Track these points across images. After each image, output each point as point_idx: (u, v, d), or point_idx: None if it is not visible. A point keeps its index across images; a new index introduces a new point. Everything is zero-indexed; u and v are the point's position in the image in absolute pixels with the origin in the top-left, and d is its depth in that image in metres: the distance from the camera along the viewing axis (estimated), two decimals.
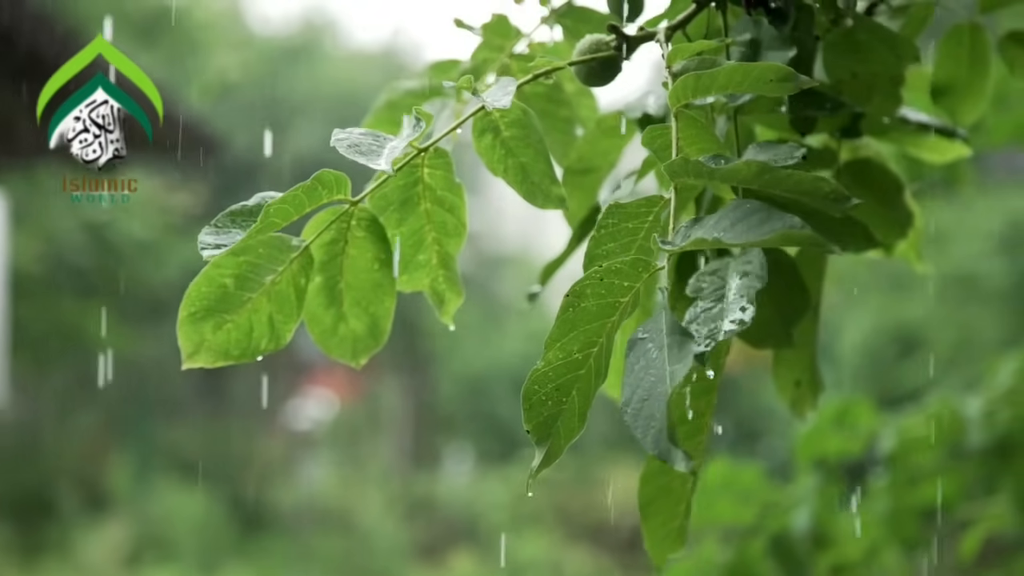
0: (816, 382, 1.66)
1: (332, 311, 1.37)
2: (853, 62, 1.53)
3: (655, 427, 1.06)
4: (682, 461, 1.05)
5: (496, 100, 1.26)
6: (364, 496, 11.09)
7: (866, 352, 8.76)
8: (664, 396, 1.06)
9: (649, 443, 1.06)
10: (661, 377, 1.07)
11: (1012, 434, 2.87)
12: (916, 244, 1.77)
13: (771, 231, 1.08)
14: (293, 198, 1.26)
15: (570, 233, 1.64)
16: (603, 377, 1.15)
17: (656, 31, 1.37)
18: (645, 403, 1.07)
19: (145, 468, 10.66)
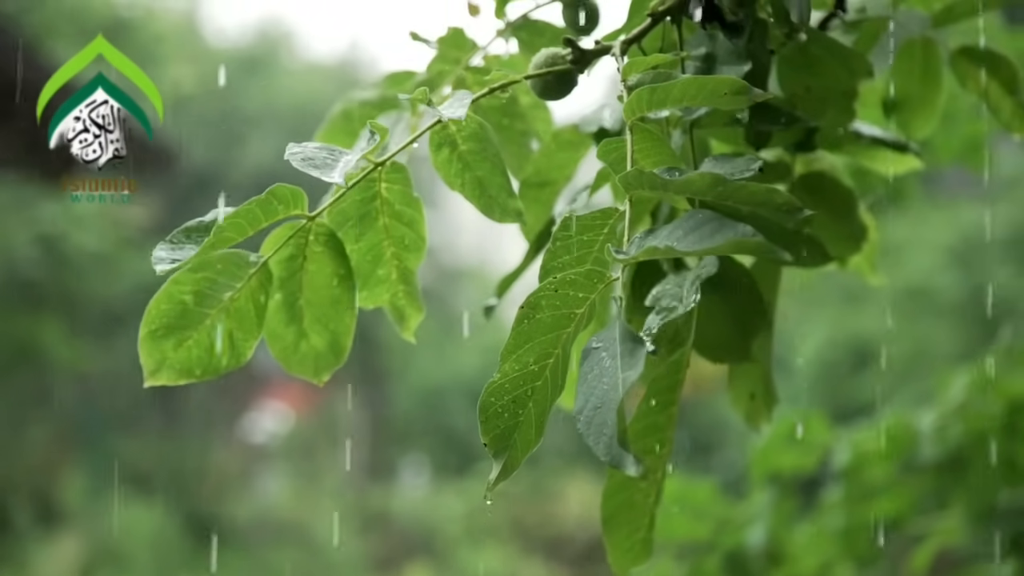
0: (771, 395, 1.67)
1: (293, 328, 1.37)
2: (807, 76, 1.54)
3: (607, 434, 1.06)
4: (633, 466, 1.05)
5: (452, 112, 1.26)
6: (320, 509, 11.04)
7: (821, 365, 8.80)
8: (616, 404, 1.06)
9: (602, 450, 1.07)
10: (614, 385, 1.07)
11: (963, 448, 2.89)
12: (870, 257, 1.78)
13: (723, 239, 1.08)
14: (247, 212, 1.26)
15: (527, 246, 1.65)
16: (560, 389, 1.15)
17: (612, 45, 1.37)
18: (598, 411, 1.08)
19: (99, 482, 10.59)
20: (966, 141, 3.02)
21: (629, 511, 1.38)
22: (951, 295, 8.26)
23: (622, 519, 1.38)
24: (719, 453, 9.44)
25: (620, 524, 1.38)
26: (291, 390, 12.46)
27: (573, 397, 1.12)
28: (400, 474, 13.17)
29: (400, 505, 11.77)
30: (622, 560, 1.40)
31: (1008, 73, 1.69)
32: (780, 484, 3.10)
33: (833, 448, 3.08)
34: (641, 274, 1.43)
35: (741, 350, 1.45)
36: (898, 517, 2.99)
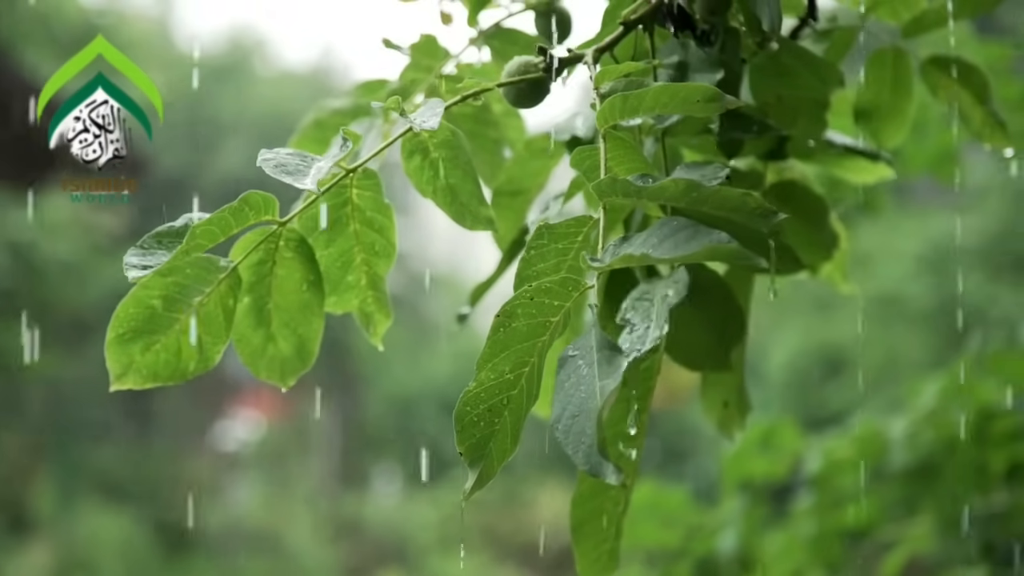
0: (744, 402, 1.67)
1: (260, 332, 1.37)
2: (779, 85, 1.55)
3: (586, 443, 1.06)
4: (613, 475, 1.05)
5: (425, 121, 1.26)
6: (291, 517, 11.02)
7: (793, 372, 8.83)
8: (595, 412, 1.06)
9: (580, 459, 1.07)
10: (591, 393, 1.07)
11: (934, 455, 2.90)
12: (841, 265, 1.79)
13: (698, 246, 1.08)
14: (220, 219, 1.25)
15: (499, 254, 1.65)
16: (535, 397, 1.15)
17: (584, 53, 1.37)
18: (576, 419, 1.08)
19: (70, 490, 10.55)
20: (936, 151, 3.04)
21: (598, 519, 1.38)
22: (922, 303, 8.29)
23: (591, 528, 1.38)
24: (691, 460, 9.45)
25: (589, 532, 1.38)
26: (263, 398, 12.44)
27: (547, 405, 1.12)
28: (372, 482, 13.15)
29: (372, 513, 11.75)
30: (590, 569, 1.40)
31: (978, 82, 1.69)
32: (751, 491, 3.11)
33: (804, 455, 3.09)
34: (615, 281, 1.43)
35: (720, 359, 1.45)
36: (869, 524, 3.00)
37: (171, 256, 1.24)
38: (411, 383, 13.03)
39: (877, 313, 8.33)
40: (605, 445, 1.06)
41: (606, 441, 1.07)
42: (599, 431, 1.06)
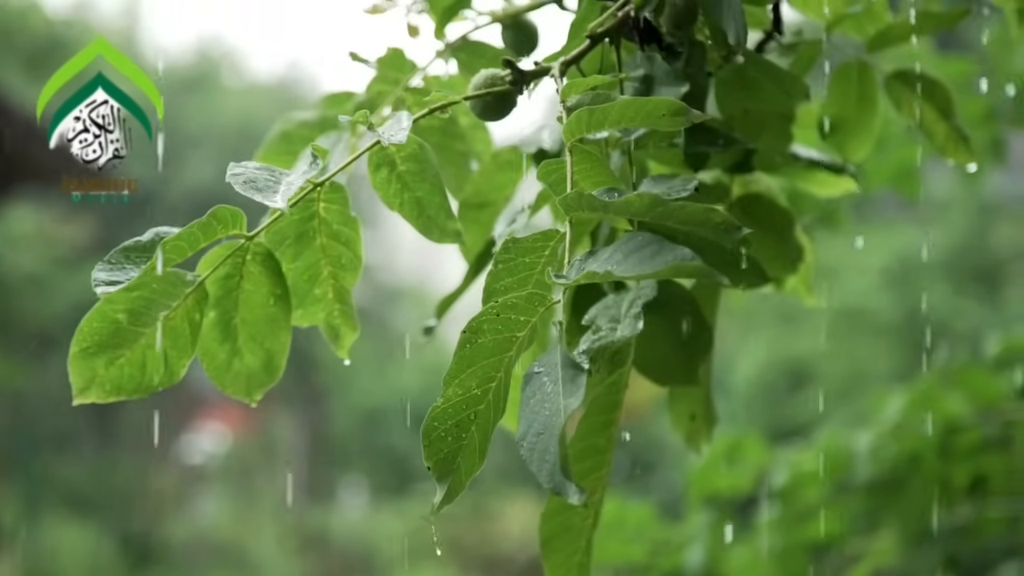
0: (711, 415, 1.67)
1: (226, 346, 1.36)
2: (744, 99, 1.55)
3: (550, 461, 1.07)
4: (575, 494, 1.05)
5: (392, 135, 1.26)
6: (257, 530, 10.98)
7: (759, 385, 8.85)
8: (558, 430, 1.06)
9: (544, 477, 1.07)
10: (556, 411, 1.08)
11: (899, 469, 2.91)
12: (806, 279, 1.79)
13: (663, 263, 1.08)
14: (189, 235, 1.25)
15: (466, 267, 1.65)
16: (502, 412, 1.15)
17: (551, 66, 1.38)
18: (540, 437, 1.08)
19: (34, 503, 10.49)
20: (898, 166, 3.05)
21: (567, 533, 1.38)
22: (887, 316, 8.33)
23: (560, 542, 1.38)
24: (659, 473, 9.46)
25: (559, 547, 1.38)
26: (229, 411, 12.40)
27: (514, 418, 1.12)
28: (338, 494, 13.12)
29: (338, 526, 11.72)
30: None
31: (942, 97, 1.70)
32: (717, 505, 3.11)
33: (770, 469, 3.09)
34: (581, 297, 1.43)
35: (687, 373, 1.45)
36: (834, 538, 3.01)
37: (140, 272, 1.23)
38: (377, 395, 13.01)
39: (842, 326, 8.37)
40: (568, 464, 1.06)
41: (568, 459, 1.07)
42: (562, 449, 1.06)
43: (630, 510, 3.15)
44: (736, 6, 1.32)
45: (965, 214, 8.48)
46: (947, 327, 7.73)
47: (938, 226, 8.54)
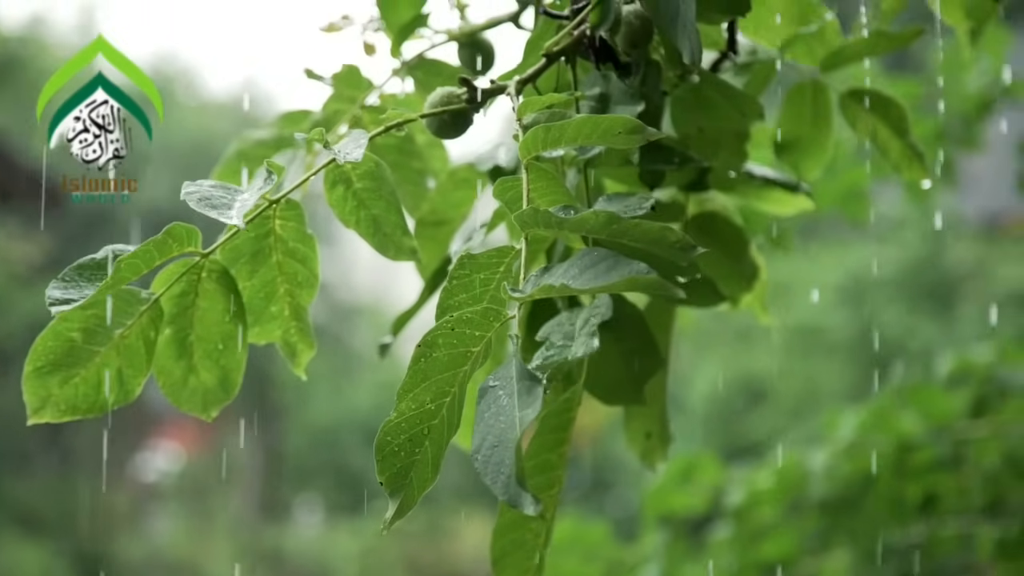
0: (666, 434, 1.67)
1: (182, 364, 1.36)
2: (700, 117, 1.56)
3: (505, 473, 1.06)
4: (531, 505, 1.05)
5: (348, 153, 1.26)
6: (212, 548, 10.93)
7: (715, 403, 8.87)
8: (514, 442, 1.06)
9: (499, 489, 1.07)
10: (511, 423, 1.08)
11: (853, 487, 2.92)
12: (761, 297, 1.80)
13: (618, 277, 1.09)
14: (144, 252, 1.25)
15: (422, 284, 1.65)
16: (456, 427, 1.15)
17: (507, 84, 1.38)
18: (495, 449, 1.08)
19: None
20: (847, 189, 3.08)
21: (519, 551, 1.38)
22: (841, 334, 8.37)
23: (512, 559, 1.38)
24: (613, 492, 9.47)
25: (510, 564, 1.38)
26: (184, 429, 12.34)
27: (468, 436, 1.12)
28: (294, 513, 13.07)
29: (293, 544, 11.68)
30: None
31: (897, 115, 1.71)
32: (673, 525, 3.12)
33: (725, 488, 3.10)
34: (537, 312, 1.43)
35: (633, 393, 1.45)
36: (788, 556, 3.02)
37: (95, 290, 1.23)
38: (334, 413, 12.97)
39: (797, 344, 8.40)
40: (524, 475, 1.06)
41: (525, 471, 1.07)
42: (518, 461, 1.06)
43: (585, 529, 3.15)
44: (691, 26, 1.32)
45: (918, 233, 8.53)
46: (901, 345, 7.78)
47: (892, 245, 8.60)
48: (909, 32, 1.71)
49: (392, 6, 1.63)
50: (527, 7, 1.60)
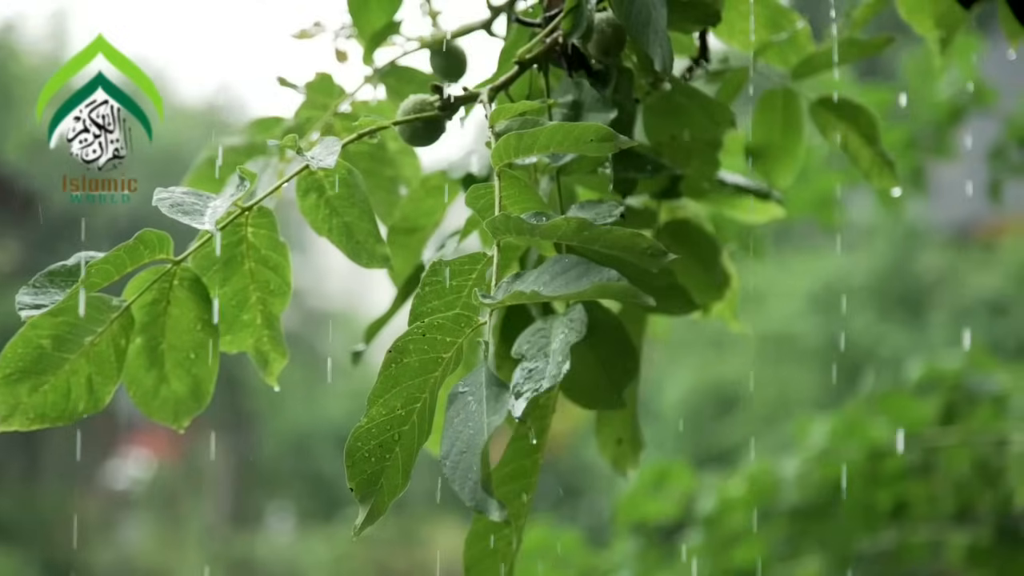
0: (637, 440, 1.68)
1: (153, 373, 1.35)
2: (672, 125, 1.57)
3: (472, 479, 1.06)
4: (496, 511, 1.05)
5: (321, 160, 1.26)
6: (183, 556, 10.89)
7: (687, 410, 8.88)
8: (481, 448, 1.06)
9: (467, 495, 1.07)
10: (479, 429, 1.08)
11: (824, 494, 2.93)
12: (732, 304, 1.80)
13: (589, 284, 1.09)
14: (115, 258, 1.24)
15: (395, 292, 1.65)
16: (427, 433, 1.15)
17: (479, 92, 1.38)
18: (463, 455, 1.08)
19: None
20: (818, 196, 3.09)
21: (491, 558, 1.38)
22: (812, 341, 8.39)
23: (485, 567, 1.38)
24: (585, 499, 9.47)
25: (483, 571, 1.38)
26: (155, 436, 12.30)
27: (438, 442, 1.12)
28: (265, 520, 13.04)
29: (265, 551, 11.65)
30: None
31: (867, 123, 1.72)
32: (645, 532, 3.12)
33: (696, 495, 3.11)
34: (509, 318, 1.44)
35: (612, 397, 1.45)
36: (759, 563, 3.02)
37: (66, 296, 1.22)
38: (306, 421, 12.95)
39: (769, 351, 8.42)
40: (491, 481, 1.06)
41: (491, 477, 1.07)
42: (485, 467, 1.06)
43: (557, 536, 3.16)
44: (662, 34, 1.33)
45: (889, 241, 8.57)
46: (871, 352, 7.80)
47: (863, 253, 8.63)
48: (879, 40, 1.72)
49: (364, 13, 1.63)
50: (499, 15, 1.60)
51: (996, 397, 2.94)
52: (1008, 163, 3.36)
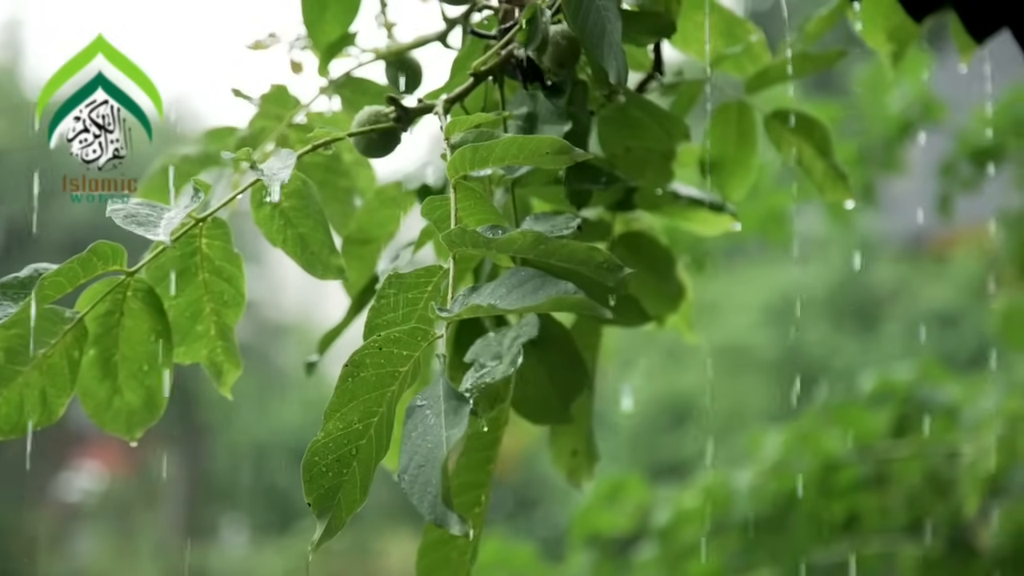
0: (592, 452, 1.68)
1: (107, 384, 1.34)
2: (626, 137, 1.57)
3: (431, 493, 1.06)
4: (457, 525, 1.05)
5: (276, 174, 1.26)
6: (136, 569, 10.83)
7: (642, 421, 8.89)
8: (441, 461, 1.06)
9: (426, 508, 1.06)
10: (438, 443, 1.07)
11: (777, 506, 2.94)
12: (687, 316, 1.81)
13: (545, 297, 1.09)
14: (68, 270, 1.24)
15: (349, 303, 1.64)
16: (385, 447, 1.15)
17: (435, 103, 1.38)
18: (422, 469, 1.07)
19: None
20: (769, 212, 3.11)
21: (445, 569, 1.38)
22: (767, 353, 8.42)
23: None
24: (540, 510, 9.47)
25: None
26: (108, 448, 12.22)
27: (396, 456, 1.12)
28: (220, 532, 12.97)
29: (219, 564, 11.59)
30: None
31: (820, 136, 1.73)
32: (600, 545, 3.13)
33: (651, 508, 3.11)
34: (464, 332, 1.44)
35: (561, 412, 1.45)
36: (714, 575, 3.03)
37: (18, 308, 1.21)
38: (260, 432, 12.89)
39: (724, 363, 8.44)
40: (450, 495, 1.06)
41: (451, 490, 1.07)
42: (444, 481, 1.06)
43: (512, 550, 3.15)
44: (617, 46, 1.33)
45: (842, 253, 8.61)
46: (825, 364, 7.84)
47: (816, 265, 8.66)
48: (832, 54, 1.73)
49: (319, 24, 1.63)
50: (455, 26, 1.60)
51: (948, 409, 2.96)
52: (959, 177, 3.39)
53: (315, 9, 1.62)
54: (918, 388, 2.98)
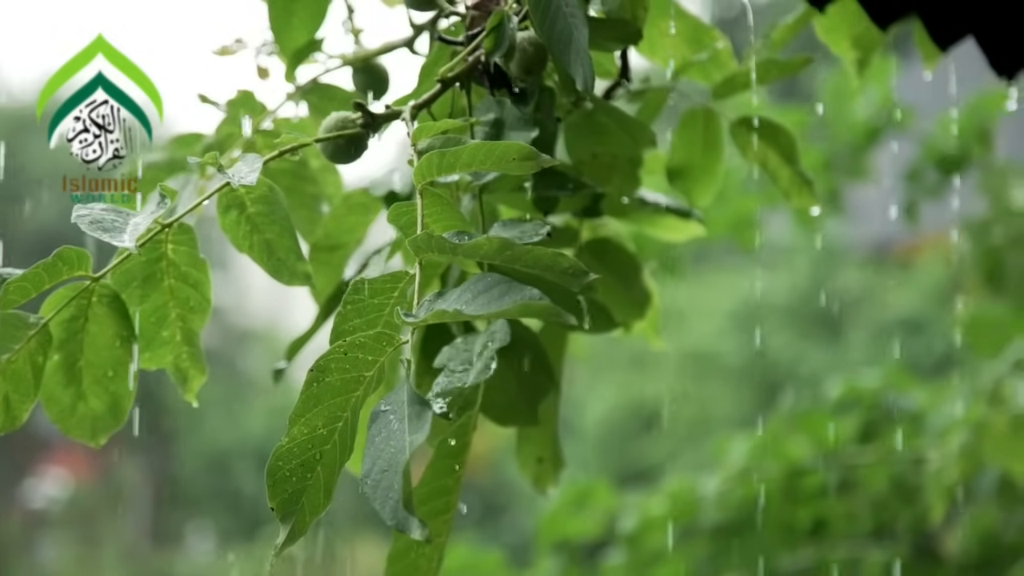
0: (558, 458, 1.68)
1: (71, 390, 1.34)
2: (593, 143, 1.57)
3: (393, 498, 1.06)
4: (418, 530, 1.05)
5: (242, 177, 1.26)
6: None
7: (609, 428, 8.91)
8: (403, 466, 1.06)
9: (388, 514, 1.06)
10: (401, 447, 1.07)
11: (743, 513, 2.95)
12: (654, 322, 1.81)
13: (511, 303, 1.09)
14: (34, 276, 1.23)
15: (317, 309, 1.64)
16: (349, 452, 1.15)
17: (402, 109, 1.38)
18: (385, 474, 1.07)
19: None
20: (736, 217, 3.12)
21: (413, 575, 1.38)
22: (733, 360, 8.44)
23: None
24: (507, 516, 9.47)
25: None
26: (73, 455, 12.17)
27: (360, 461, 1.12)
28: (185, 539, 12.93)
29: (185, 571, 11.55)
30: None
31: (786, 143, 1.74)
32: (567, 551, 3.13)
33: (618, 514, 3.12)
34: (430, 337, 1.44)
35: (527, 414, 1.46)
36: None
37: None
38: (226, 438, 12.86)
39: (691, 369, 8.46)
40: (412, 500, 1.06)
41: (413, 496, 1.07)
42: (406, 486, 1.06)
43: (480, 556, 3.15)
44: (584, 53, 1.33)
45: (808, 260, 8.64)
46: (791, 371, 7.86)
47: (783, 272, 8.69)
48: (798, 61, 1.74)
49: (286, 30, 1.63)
50: (422, 33, 1.60)
51: (913, 415, 2.98)
52: (924, 184, 3.40)
53: (282, 15, 1.61)
54: (884, 395, 3.00)
